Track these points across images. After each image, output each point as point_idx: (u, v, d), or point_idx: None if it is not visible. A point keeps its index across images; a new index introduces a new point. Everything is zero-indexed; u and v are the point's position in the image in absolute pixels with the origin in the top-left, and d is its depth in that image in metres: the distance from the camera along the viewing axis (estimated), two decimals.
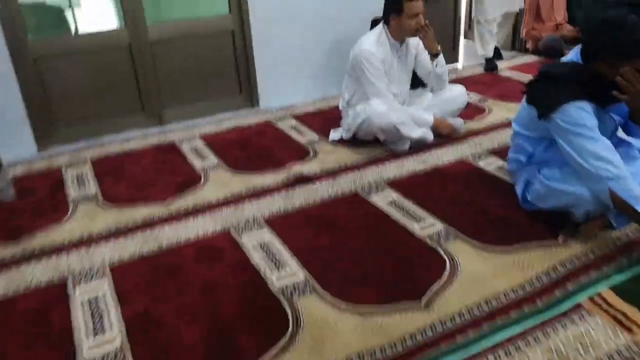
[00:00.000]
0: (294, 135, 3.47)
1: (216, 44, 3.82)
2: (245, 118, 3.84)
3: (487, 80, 4.33)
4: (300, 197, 2.63)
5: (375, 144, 3.15)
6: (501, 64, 4.72)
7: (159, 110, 3.74)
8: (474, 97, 3.92)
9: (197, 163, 3.10)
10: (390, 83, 3.07)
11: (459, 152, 3.03)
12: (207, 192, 2.74)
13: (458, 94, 3.28)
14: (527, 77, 4.29)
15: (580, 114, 2.01)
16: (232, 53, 3.91)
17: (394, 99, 3.08)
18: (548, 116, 2.08)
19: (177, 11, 3.81)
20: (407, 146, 3.07)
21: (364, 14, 4.12)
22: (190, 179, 2.90)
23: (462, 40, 5.03)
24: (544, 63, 4.25)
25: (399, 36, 3.05)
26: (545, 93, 2.10)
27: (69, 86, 3.44)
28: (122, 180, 2.92)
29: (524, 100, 2.30)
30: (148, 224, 2.45)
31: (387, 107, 2.96)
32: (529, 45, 5.02)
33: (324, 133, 3.44)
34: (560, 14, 4.90)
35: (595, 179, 1.97)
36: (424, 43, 3.11)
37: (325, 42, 4.14)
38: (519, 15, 5.06)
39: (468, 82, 4.27)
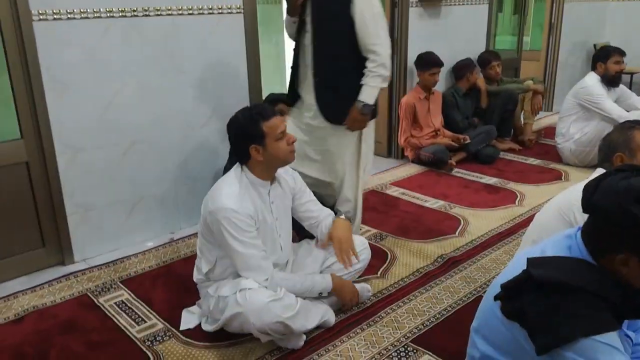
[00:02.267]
0: (124, 321, 2.27)
1: (5, 181, 2.55)
2: (49, 289, 2.53)
3: (376, 204, 3.57)
4: None
5: (252, 338, 2.09)
6: (383, 179, 4.06)
7: None
8: (368, 233, 3.10)
9: None
10: (265, 242, 2.08)
11: (375, 343, 2.10)
12: None
13: (359, 249, 2.40)
14: (416, 196, 3.63)
15: (611, 356, 1.20)
16: (28, 191, 2.64)
17: (274, 265, 2.09)
18: (553, 351, 1.24)
19: None
20: (302, 342, 2.06)
21: (216, 124, 3.19)
22: None
23: None
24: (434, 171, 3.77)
25: (268, 172, 2.12)
26: (545, 313, 1.27)
27: None
28: None
29: (492, 305, 1.45)
30: None
31: (268, 295, 1.94)
32: (407, 153, 4.48)
33: (172, 314, 2.30)
34: (438, 120, 4.46)
35: None
36: None
37: (164, 167, 3.08)
38: (393, 121, 4.53)
39: None
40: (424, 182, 3.97)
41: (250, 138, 2.02)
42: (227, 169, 2.95)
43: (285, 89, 5.24)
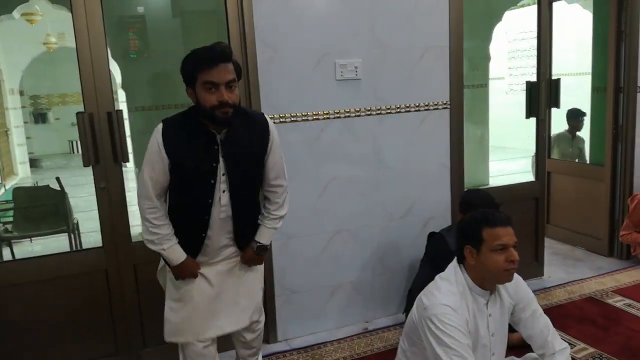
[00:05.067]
0: None
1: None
2: None
3: (594, 316, 3.11)
4: None
5: None
6: (603, 284, 3.53)
7: None
8: (583, 352, 2.70)
9: None
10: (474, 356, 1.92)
11: None
12: None
13: None
14: None
15: None
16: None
17: None
18: None
19: None
20: None
21: (415, 217, 3.19)
22: None
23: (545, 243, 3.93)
24: None
25: (485, 281, 1.96)
26: None
27: None
28: None
29: None
30: None
31: None
32: (635, 252, 3.86)
33: None
34: None
35: None
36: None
37: (363, 255, 3.17)
38: (616, 215, 3.97)
39: (565, 316, 3.09)
40: None
41: (467, 238, 1.95)
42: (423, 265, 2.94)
43: (488, 176, 5.00)
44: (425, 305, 1.92)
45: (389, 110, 3.07)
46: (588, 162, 4.59)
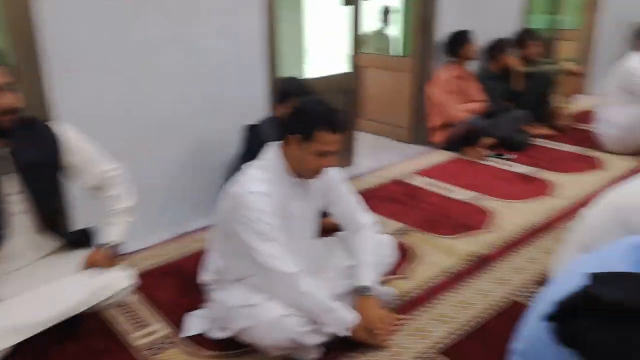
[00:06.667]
0: (124, 323, 2.10)
1: None
2: None
3: (399, 195, 3.34)
4: None
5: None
6: (406, 167, 3.81)
7: None
8: (390, 226, 2.88)
9: None
10: (286, 241, 1.85)
11: (399, 354, 1.89)
12: None
13: (385, 247, 2.18)
14: (443, 187, 3.39)
15: None
16: None
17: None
18: None
19: None
20: (318, 354, 1.85)
21: (231, 110, 2.98)
22: None
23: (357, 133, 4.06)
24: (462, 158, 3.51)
25: (296, 169, 1.88)
26: (614, 345, 1.04)
27: None
28: None
29: (540, 325, 1.23)
30: None
31: (280, 309, 1.74)
32: (436, 138, 4.20)
33: (178, 316, 2.12)
34: (479, 96, 4.17)
35: None
36: None
37: (172, 155, 2.89)
38: (418, 104, 4.26)
39: (374, 197, 3.25)
40: (450, 171, 3.72)
41: (299, 127, 1.79)
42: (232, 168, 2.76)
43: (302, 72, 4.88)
44: (233, 195, 1.81)
45: None
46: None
